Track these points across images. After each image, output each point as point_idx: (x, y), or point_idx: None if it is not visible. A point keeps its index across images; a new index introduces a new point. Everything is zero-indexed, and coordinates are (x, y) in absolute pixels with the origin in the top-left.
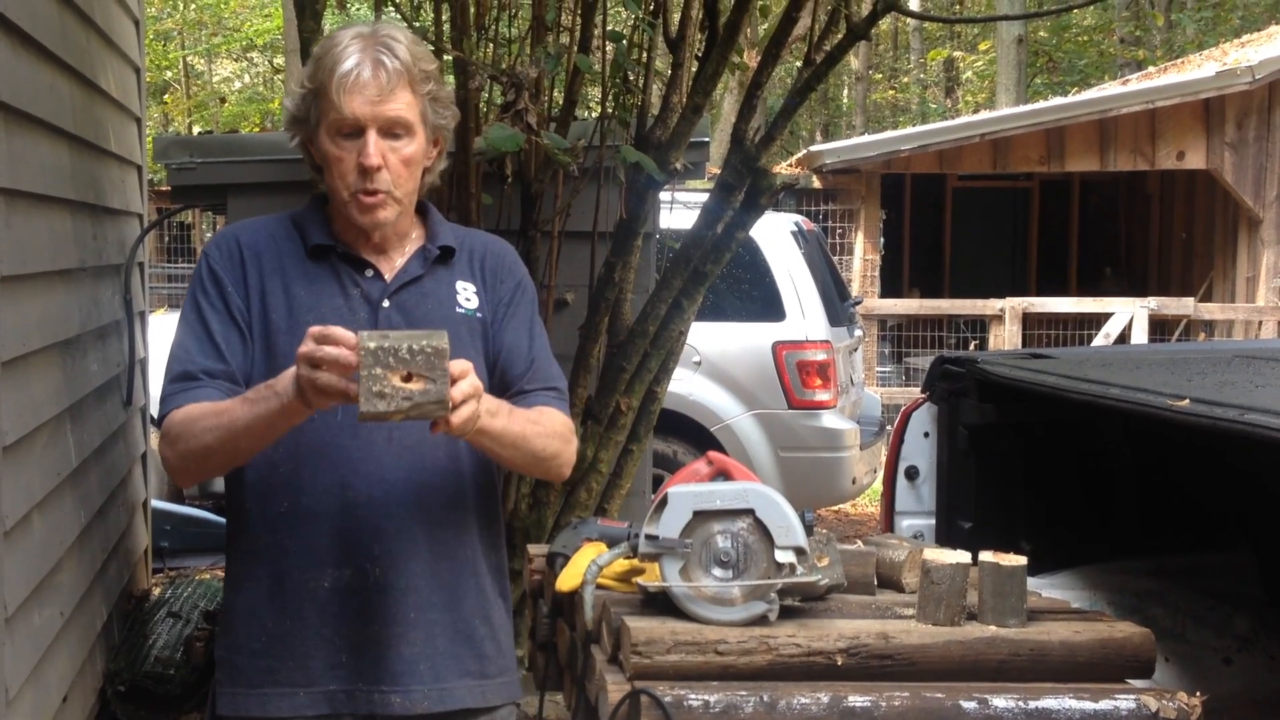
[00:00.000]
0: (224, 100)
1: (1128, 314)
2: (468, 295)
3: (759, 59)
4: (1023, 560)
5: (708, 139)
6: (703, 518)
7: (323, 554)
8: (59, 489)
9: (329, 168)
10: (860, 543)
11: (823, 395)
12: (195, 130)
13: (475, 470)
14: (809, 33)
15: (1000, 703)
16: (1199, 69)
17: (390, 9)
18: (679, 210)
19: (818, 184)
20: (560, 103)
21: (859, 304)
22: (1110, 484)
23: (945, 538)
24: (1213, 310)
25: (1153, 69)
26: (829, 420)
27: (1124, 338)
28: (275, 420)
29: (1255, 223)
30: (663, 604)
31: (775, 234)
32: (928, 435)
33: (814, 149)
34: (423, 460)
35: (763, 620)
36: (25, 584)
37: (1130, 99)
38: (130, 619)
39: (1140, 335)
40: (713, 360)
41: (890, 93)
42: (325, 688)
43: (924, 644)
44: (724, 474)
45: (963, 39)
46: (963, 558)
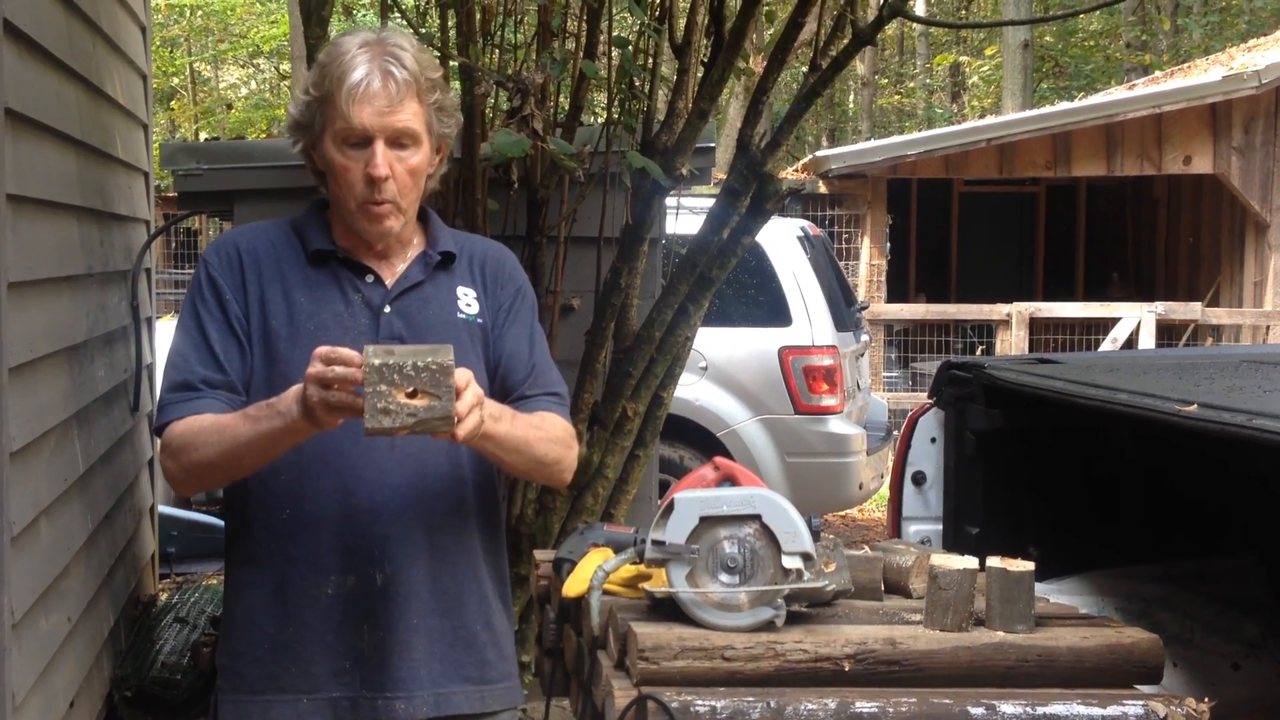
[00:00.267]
0: (230, 106)
1: (1135, 319)
2: (468, 301)
3: (764, 65)
4: (1030, 566)
5: (713, 144)
6: (709, 523)
7: (325, 560)
8: (66, 495)
9: (334, 176)
10: (867, 548)
11: (829, 400)
12: (202, 136)
13: (476, 476)
14: (815, 38)
15: (1008, 709)
16: (1205, 73)
17: (396, 15)
18: (685, 216)
19: (824, 189)
20: (566, 108)
21: (865, 309)
22: (1117, 489)
23: (952, 543)
24: (1220, 315)
25: (1159, 74)
26: (835, 425)
27: (1131, 343)
28: (278, 438)
29: (1263, 227)
30: (669, 609)
31: (781, 239)
32: (935, 441)
33: (820, 154)
34: (424, 466)
35: (769, 626)
36: (32, 590)
37: (1137, 104)
38: (137, 624)
39: (1147, 340)
40: (719, 365)
41: (896, 98)
42: (329, 694)
43: (931, 650)
44: (730, 479)
45: (969, 44)
46: (970, 563)
